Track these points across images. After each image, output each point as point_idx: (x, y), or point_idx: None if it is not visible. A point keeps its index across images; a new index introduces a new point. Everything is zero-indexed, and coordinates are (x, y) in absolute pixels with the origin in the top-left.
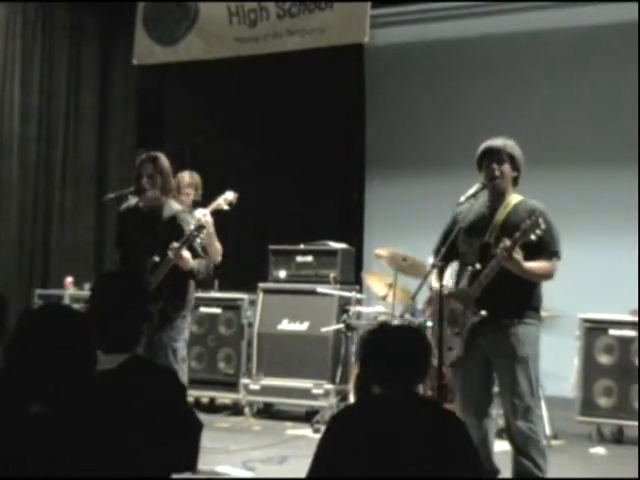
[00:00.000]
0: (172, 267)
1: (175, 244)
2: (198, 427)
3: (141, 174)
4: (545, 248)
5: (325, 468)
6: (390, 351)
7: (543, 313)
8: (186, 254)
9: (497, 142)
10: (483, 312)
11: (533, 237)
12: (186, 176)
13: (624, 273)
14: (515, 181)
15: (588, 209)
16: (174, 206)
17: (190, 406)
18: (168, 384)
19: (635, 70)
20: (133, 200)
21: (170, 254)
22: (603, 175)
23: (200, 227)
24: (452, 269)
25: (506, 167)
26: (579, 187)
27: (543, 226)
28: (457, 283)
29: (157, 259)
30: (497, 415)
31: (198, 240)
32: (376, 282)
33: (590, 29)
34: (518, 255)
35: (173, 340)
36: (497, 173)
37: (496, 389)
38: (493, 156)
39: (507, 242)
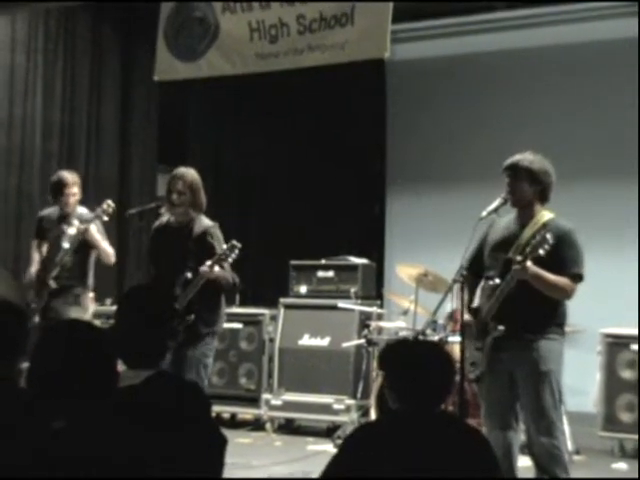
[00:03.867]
0: (204, 283)
1: (208, 262)
2: (222, 442)
3: (171, 190)
4: (568, 268)
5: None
6: (414, 370)
7: (565, 328)
8: (217, 270)
9: (515, 158)
10: (501, 327)
11: (542, 252)
12: (69, 176)
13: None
14: (542, 196)
15: (591, 223)
16: (204, 222)
17: (214, 421)
18: (193, 399)
19: (635, 85)
20: (165, 216)
21: (202, 272)
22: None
23: (233, 247)
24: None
25: (521, 183)
26: (584, 201)
27: (551, 241)
28: (480, 298)
29: (189, 275)
30: (521, 430)
31: (230, 260)
32: (398, 298)
33: (592, 44)
34: (532, 267)
35: (205, 356)
36: (511, 190)
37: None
38: (509, 172)
39: (519, 258)
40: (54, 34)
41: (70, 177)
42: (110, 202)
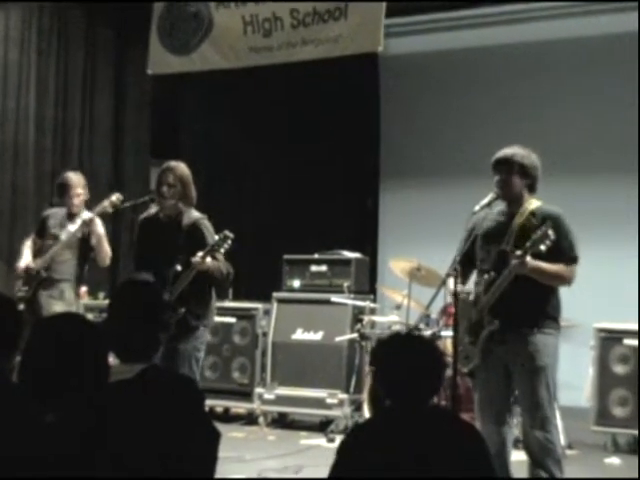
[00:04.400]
0: (195, 276)
1: (200, 253)
2: (216, 436)
3: (161, 183)
4: (563, 253)
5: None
6: (403, 365)
7: (560, 322)
8: (209, 262)
9: (506, 152)
10: (496, 321)
11: (543, 247)
12: (74, 177)
13: (631, 282)
14: (531, 188)
15: (590, 218)
16: (194, 214)
17: (208, 415)
18: (186, 393)
19: (635, 80)
20: (153, 209)
21: (194, 263)
22: (607, 184)
23: (225, 237)
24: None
25: (514, 177)
26: (582, 196)
27: (553, 237)
28: (475, 291)
29: (179, 268)
30: (514, 424)
31: (222, 250)
32: (392, 293)
33: (590, 40)
34: (532, 262)
35: (196, 350)
36: (502, 183)
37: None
38: (500, 166)
39: (518, 253)
40: (47, 30)
41: (75, 178)
42: (119, 195)
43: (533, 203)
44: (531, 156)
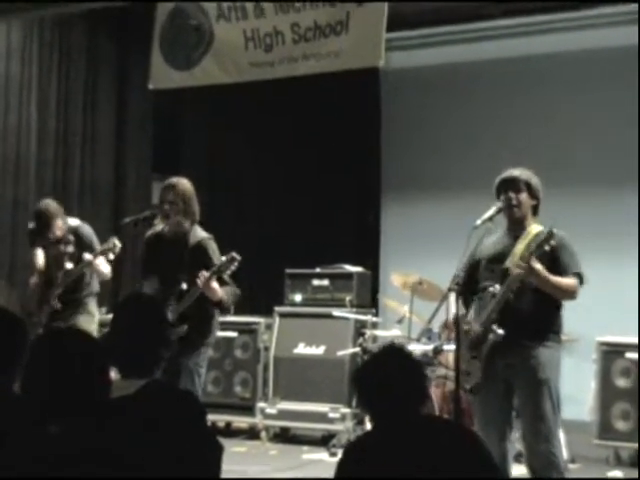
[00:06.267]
0: (199, 294)
1: (205, 273)
2: (219, 449)
3: (163, 201)
4: (569, 268)
5: None
6: (378, 391)
7: (562, 337)
8: (215, 285)
9: (514, 172)
10: (500, 331)
11: (547, 247)
12: (52, 206)
13: (631, 295)
14: (535, 210)
15: (590, 231)
16: (200, 233)
17: (211, 429)
18: (188, 407)
19: (635, 92)
20: (159, 226)
21: (199, 283)
22: (607, 196)
23: (232, 259)
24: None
25: (523, 196)
26: (582, 208)
27: (558, 236)
28: (480, 307)
29: (185, 286)
30: (515, 439)
31: (228, 272)
32: (394, 306)
33: (592, 53)
34: (537, 264)
35: (198, 366)
36: (514, 202)
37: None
38: (510, 185)
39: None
40: (49, 43)
41: (52, 207)
42: (116, 242)
43: (535, 227)
44: (535, 177)
